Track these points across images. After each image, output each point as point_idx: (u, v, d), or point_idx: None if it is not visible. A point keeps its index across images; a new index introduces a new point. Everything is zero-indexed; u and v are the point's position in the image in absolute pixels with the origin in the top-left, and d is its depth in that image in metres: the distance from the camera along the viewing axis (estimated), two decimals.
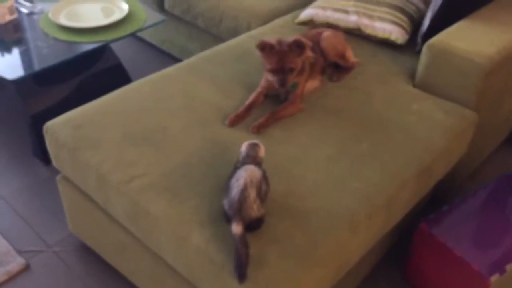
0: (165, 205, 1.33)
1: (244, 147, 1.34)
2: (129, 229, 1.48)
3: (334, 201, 1.35)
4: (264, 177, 1.27)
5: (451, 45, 1.71)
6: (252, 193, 1.21)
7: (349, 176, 1.43)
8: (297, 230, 1.27)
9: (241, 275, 1.16)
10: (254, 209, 1.21)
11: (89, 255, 1.81)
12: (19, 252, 1.82)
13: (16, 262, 1.77)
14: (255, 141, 1.36)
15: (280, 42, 1.57)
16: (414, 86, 1.82)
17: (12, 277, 1.74)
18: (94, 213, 1.61)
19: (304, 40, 1.59)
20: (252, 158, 1.31)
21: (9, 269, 1.75)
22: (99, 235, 1.69)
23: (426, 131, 1.60)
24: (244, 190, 1.21)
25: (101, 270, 1.77)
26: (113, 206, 1.47)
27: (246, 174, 1.24)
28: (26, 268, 1.77)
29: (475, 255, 1.51)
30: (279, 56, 1.56)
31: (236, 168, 1.30)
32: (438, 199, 1.93)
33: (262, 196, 1.25)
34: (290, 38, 1.59)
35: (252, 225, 1.23)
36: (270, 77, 1.61)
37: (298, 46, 1.57)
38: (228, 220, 1.24)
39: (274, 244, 1.23)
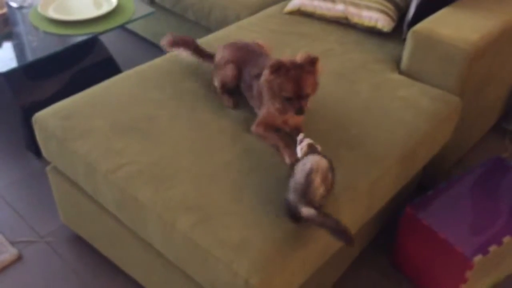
0: (152, 192, 1.35)
1: (304, 151, 1.28)
2: (118, 217, 1.50)
3: None
4: (331, 168, 1.22)
5: (435, 31, 1.73)
6: (317, 179, 1.17)
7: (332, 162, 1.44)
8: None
9: (349, 241, 1.15)
10: (317, 196, 1.17)
11: (81, 245, 1.83)
12: (12, 243, 1.84)
13: (9, 253, 1.80)
14: (310, 141, 1.29)
15: (293, 63, 1.35)
16: (400, 73, 1.83)
17: (5, 267, 1.76)
18: (84, 203, 1.63)
19: (313, 54, 1.37)
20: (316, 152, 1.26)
21: (2, 259, 1.77)
22: (90, 224, 1.71)
23: (411, 117, 1.62)
24: (309, 174, 1.17)
25: (93, 260, 1.79)
26: (102, 195, 1.49)
27: (314, 160, 1.20)
28: (19, 258, 1.80)
29: (459, 237, 1.54)
30: (296, 81, 1.34)
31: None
32: (426, 186, 1.95)
33: (329, 186, 1.20)
34: (298, 55, 1.38)
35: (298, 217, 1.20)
36: (277, 104, 1.40)
37: (310, 63, 1.36)
38: (293, 211, 1.20)
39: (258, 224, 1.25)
